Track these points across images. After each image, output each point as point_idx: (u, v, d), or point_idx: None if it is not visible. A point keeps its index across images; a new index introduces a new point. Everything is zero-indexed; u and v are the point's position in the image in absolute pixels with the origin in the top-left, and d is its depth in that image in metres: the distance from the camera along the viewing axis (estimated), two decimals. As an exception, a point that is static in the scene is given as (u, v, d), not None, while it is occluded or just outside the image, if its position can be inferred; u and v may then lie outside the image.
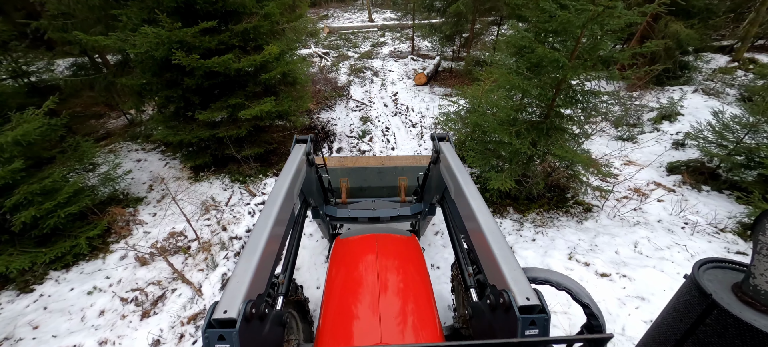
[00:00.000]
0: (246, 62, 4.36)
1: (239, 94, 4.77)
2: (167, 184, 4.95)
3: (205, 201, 4.55)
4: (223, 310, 0.96)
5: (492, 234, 1.28)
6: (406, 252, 1.91)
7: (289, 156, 1.96)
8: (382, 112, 8.53)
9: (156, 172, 5.40)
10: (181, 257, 3.64)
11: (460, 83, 10.38)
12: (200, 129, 4.64)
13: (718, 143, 4.66)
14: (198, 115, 4.36)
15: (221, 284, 3.24)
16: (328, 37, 17.03)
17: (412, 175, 2.97)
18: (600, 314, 1.02)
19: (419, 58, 13.21)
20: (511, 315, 1.00)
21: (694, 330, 0.73)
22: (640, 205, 4.12)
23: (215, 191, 4.79)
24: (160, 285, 3.29)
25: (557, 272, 1.16)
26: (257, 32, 4.79)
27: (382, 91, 9.95)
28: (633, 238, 3.55)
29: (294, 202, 1.78)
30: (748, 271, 0.71)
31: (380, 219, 2.64)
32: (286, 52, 5.54)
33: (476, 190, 1.57)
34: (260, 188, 4.82)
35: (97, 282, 3.40)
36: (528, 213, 4.07)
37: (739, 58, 8.47)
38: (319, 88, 10.10)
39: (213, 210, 4.35)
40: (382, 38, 16.79)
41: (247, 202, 4.51)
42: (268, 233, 1.29)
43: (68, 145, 4.25)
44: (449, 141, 2.15)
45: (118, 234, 4.03)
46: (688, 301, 0.78)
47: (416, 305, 1.58)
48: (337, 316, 1.55)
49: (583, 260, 3.25)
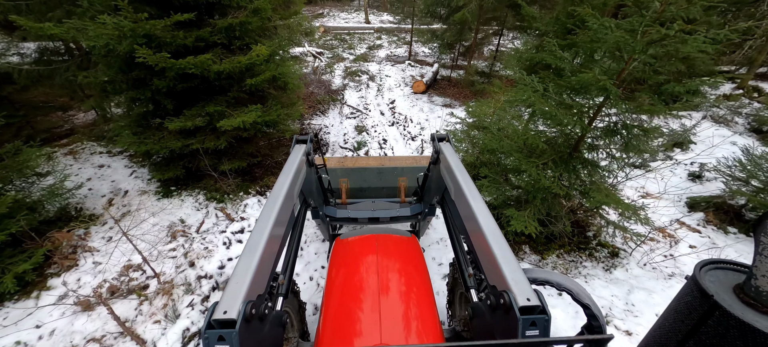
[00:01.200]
0: (229, 64, 3.66)
1: (220, 100, 4.06)
2: (130, 200, 4.19)
3: (172, 224, 3.82)
4: (223, 311, 0.94)
5: (492, 234, 1.26)
6: (407, 253, 1.89)
7: (289, 156, 1.91)
8: (378, 121, 7.90)
9: (119, 182, 4.62)
10: (134, 301, 2.92)
11: (460, 94, 9.85)
12: (171, 138, 3.91)
13: (746, 181, 4.25)
14: (168, 123, 3.63)
15: (182, 344, 2.55)
16: (324, 36, 16.30)
17: (412, 176, 2.92)
18: (600, 315, 1.02)
19: (417, 63, 12.65)
20: (511, 315, 0.98)
21: (696, 331, 0.71)
22: (671, 250, 3.63)
23: (186, 211, 4.05)
24: (102, 344, 2.57)
25: (557, 273, 1.16)
26: (245, 30, 4.10)
27: (379, 98, 9.33)
28: (671, 294, 3.05)
29: (294, 202, 1.75)
30: (749, 272, 0.68)
31: (380, 219, 2.61)
32: (278, 53, 4.85)
33: (476, 191, 1.54)
34: (240, 210, 4.10)
35: (23, 334, 2.65)
36: (547, 255, 3.52)
37: (743, 86, 8.23)
38: (312, 90, 9.39)
39: (181, 238, 3.63)
40: (378, 41, 16.17)
41: (222, 228, 3.79)
42: (268, 233, 1.27)
43: (6, 152, 3.46)
44: (449, 141, 2.10)
45: (60, 264, 3.26)
46: (690, 302, 0.75)
47: (416, 306, 1.56)
48: (337, 317, 1.53)
49: (624, 327, 2.71)
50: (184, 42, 3.51)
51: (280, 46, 4.68)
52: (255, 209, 4.10)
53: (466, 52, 10.67)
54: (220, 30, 3.90)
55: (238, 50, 4.28)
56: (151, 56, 3.12)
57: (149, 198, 4.27)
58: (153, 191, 4.38)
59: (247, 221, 3.90)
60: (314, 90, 9.46)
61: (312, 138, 2.15)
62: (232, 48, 4.21)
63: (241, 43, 4.20)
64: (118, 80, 3.81)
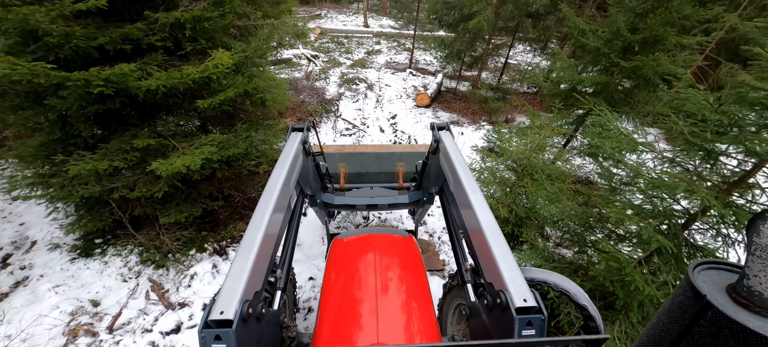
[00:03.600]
0: (167, 79, 2.41)
1: (160, 128, 2.81)
2: (34, 258, 2.90)
3: (78, 310, 2.51)
4: (219, 311, 0.91)
5: (491, 231, 1.21)
6: (404, 253, 1.82)
7: (285, 145, 1.78)
8: (378, 139, 6.70)
9: (30, 226, 3.30)
10: None
11: (467, 109, 8.68)
12: (85, 181, 2.63)
13: None
14: (70, 166, 2.35)
15: None
16: (320, 38, 15.02)
17: (411, 162, 2.83)
18: (597, 316, 1.01)
19: (418, 73, 11.48)
20: (508, 315, 0.97)
21: (689, 330, 0.67)
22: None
23: (107, 283, 2.77)
24: None
25: (555, 273, 1.13)
26: (201, 28, 2.84)
27: (378, 110, 8.11)
28: None
29: (291, 194, 1.64)
30: (742, 272, 0.64)
31: (378, 206, 2.54)
32: (253, 60, 3.59)
33: (476, 184, 1.46)
34: (182, 285, 2.81)
35: None
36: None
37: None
38: (303, 99, 8.13)
39: (84, 339, 2.34)
40: (377, 46, 14.97)
41: (152, 320, 2.51)
42: (264, 228, 1.20)
43: None
44: (449, 130, 1.96)
45: None
46: (683, 302, 0.70)
47: (414, 306, 1.51)
48: (335, 317, 1.48)
49: None
50: (95, 42, 2.24)
51: (257, 51, 3.43)
52: (206, 282, 2.82)
53: (474, 63, 9.54)
54: (164, 27, 2.64)
55: (194, 57, 3.03)
56: (17, 66, 1.84)
57: (61, 257, 2.97)
58: (69, 246, 3.08)
59: (189, 309, 2.60)
60: (306, 99, 8.20)
61: (308, 126, 2.03)
62: (185, 53, 2.95)
63: (197, 46, 2.94)
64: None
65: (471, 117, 8.09)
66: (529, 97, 9.98)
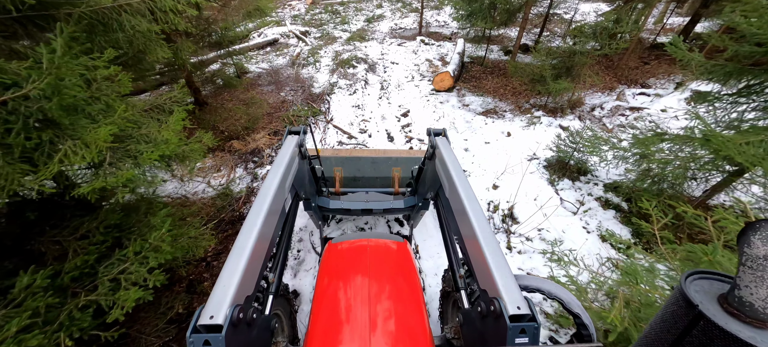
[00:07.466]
0: None
1: None
2: None
3: None
4: (209, 315, 0.85)
5: (485, 238, 1.16)
6: (398, 260, 1.71)
7: (281, 148, 1.69)
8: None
9: None
10: None
11: (506, 88, 6.18)
12: None
13: None
14: None
15: None
16: (311, 9, 12.34)
17: (407, 167, 2.72)
18: (590, 324, 0.99)
19: (431, 39, 8.83)
20: (501, 323, 0.93)
21: (681, 341, 0.65)
22: None
23: None
24: None
25: (549, 280, 1.09)
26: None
27: (383, 103, 5.79)
28: None
29: (285, 197, 1.56)
30: (733, 283, 0.62)
31: (373, 211, 2.44)
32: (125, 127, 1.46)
33: (471, 191, 1.40)
34: None
35: None
36: None
37: None
38: (284, 97, 5.92)
39: None
40: (379, 10, 12.14)
41: None
42: (258, 232, 1.14)
43: None
44: (445, 136, 1.89)
45: None
46: (675, 312, 0.68)
47: (407, 313, 1.41)
48: (327, 323, 1.38)
49: None
50: None
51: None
52: None
53: (508, 20, 6.84)
54: None
55: None
56: None
57: None
58: None
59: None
60: (287, 96, 5.98)
61: (305, 129, 1.94)
62: None
63: None
64: None
65: (513, 101, 5.63)
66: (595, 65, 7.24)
